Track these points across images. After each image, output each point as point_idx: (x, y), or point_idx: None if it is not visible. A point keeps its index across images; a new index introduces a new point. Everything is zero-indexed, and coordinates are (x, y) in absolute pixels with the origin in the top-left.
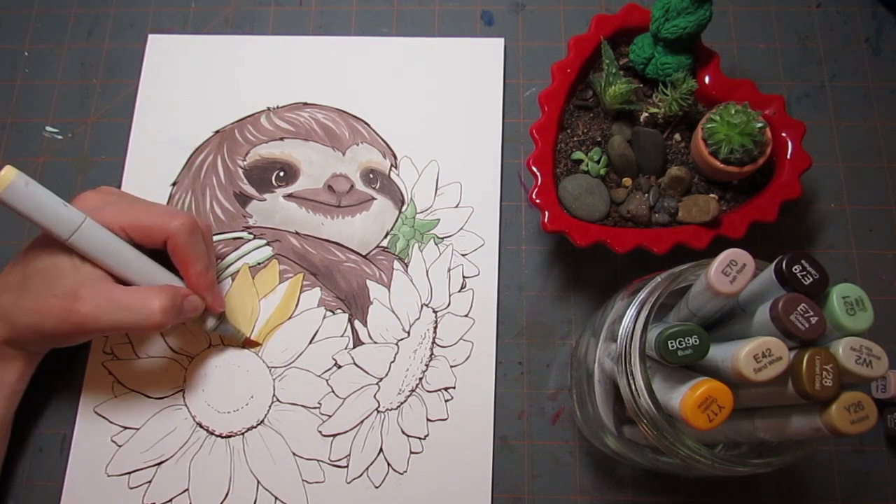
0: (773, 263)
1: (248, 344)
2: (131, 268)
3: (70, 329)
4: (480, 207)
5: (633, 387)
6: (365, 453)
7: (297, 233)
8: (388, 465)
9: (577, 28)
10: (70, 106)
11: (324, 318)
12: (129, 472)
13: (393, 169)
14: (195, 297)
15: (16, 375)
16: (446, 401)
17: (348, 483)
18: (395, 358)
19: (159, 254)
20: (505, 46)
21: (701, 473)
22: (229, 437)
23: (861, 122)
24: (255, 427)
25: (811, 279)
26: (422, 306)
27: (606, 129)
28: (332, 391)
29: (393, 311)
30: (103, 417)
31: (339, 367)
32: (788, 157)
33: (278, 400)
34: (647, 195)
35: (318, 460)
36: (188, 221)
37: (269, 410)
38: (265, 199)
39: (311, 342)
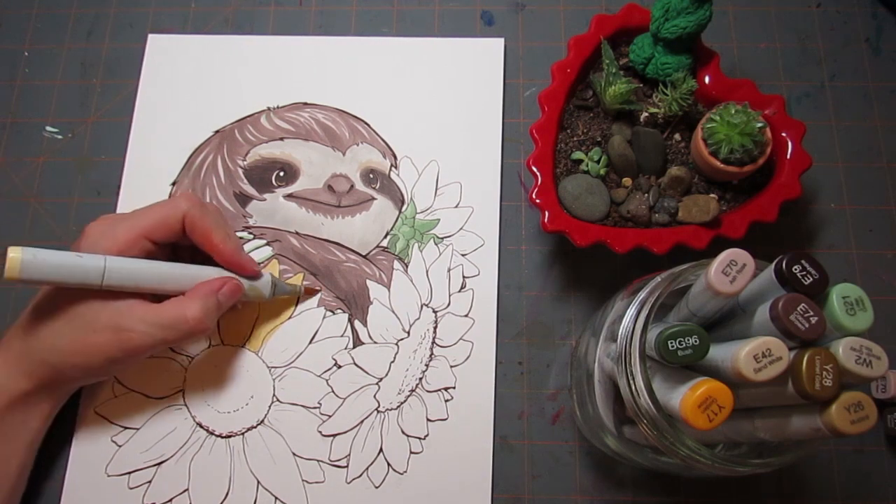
0: (773, 263)
1: (308, 292)
2: (166, 279)
3: (121, 360)
4: (480, 207)
5: (633, 387)
6: (365, 453)
7: (297, 233)
8: (388, 465)
9: (577, 28)
10: (70, 106)
11: (324, 318)
12: (129, 472)
13: (393, 169)
14: (230, 284)
15: (40, 423)
16: (446, 401)
17: (348, 483)
18: (395, 358)
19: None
20: (505, 46)
21: (701, 473)
22: (229, 437)
23: (861, 122)
24: (255, 427)
25: (811, 279)
26: (422, 306)
27: (606, 129)
28: (332, 391)
29: (393, 311)
30: (103, 417)
31: (339, 367)
32: (788, 157)
33: (278, 400)
34: (647, 195)
35: (318, 460)
36: (195, 198)
37: (268, 410)
38: (265, 199)
39: (310, 342)
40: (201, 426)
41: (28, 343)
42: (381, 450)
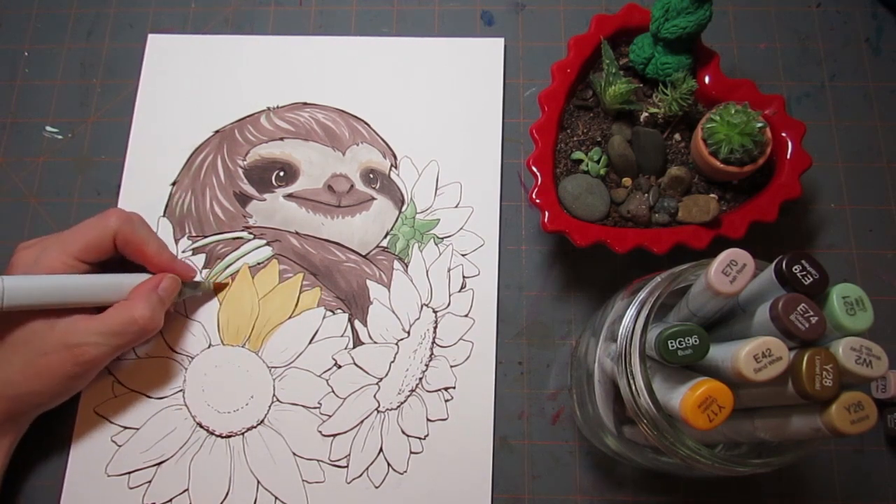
0: (773, 263)
1: (217, 288)
2: (90, 290)
3: (78, 377)
4: (480, 207)
5: (633, 387)
6: (365, 453)
7: (297, 233)
8: (388, 464)
9: (577, 28)
10: (70, 106)
11: (324, 318)
12: (129, 472)
13: (393, 169)
14: (166, 281)
15: (2, 457)
16: (446, 401)
17: (348, 483)
18: (395, 358)
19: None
20: (505, 46)
21: (701, 473)
22: (229, 437)
23: (861, 122)
24: (255, 427)
25: (811, 279)
26: (422, 306)
27: (606, 129)
28: (332, 391)
29: (393, 311)
30: (103, 417)
31: (339, 366)
32: (788, 157)
33: (278, 400)
34: (647, 195)
35: (318, 460)
36: (122, 214)
37: (268, 410)
38: (265, 199)
39: (310, 342)
40: (201, 426)
41: None
42: (381, 450)
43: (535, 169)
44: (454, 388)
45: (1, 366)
